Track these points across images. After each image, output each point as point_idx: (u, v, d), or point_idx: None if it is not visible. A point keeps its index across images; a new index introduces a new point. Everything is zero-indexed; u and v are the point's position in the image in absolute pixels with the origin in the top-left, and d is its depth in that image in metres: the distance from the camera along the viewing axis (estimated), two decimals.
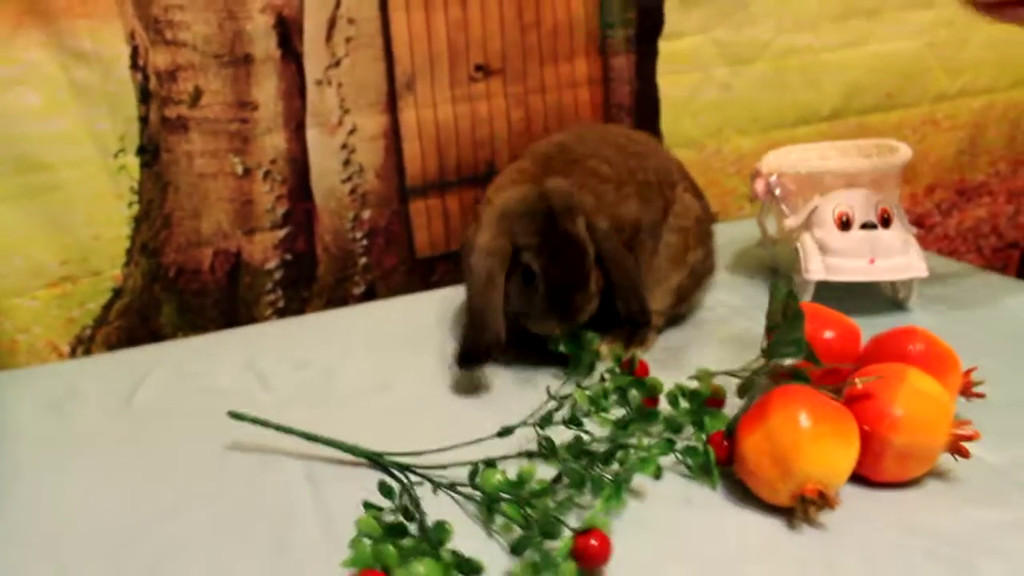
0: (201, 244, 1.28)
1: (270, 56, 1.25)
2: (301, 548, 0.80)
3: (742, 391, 0.89)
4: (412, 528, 0.77)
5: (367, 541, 0.72)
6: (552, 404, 0.94)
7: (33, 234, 1.18)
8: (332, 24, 1.26)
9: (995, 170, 1.86)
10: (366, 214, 1.36)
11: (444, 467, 0.87)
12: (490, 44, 1.36)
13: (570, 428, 0.90)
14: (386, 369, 1.14)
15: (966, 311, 1.22)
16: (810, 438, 0.79)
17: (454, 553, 0.71)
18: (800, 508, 0.79)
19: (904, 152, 1.28)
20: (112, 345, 1.26)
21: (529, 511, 0.77)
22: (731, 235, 1.51)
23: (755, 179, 1.30)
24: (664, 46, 1.49)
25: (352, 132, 1.32)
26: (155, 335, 1.29)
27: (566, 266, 1.03)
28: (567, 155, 1.14)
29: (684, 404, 0.93)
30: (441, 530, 0.74)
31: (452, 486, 0.85)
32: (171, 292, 1.28)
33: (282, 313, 1.36)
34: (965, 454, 0.83)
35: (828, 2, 1.57)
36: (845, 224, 1.19)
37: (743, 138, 1.59)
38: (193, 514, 0.87)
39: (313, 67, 1.27)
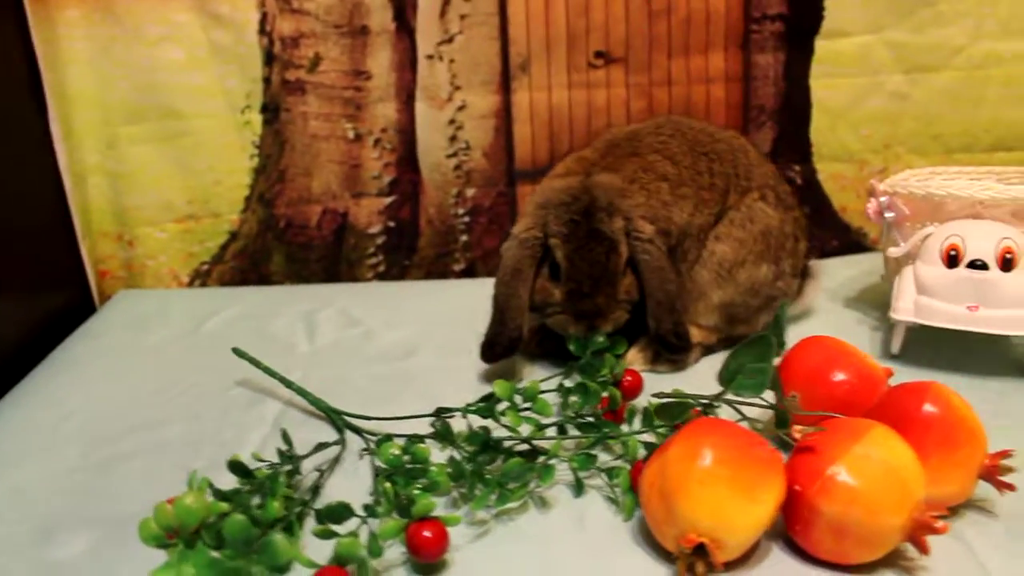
0: (311, 201, 1.37)
1: (385, 29, 1.30)
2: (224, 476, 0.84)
3: (668, 415, 0.79)
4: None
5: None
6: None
7: (166, 173, 1.33)
8: (447, 0, 1.29)
9: None
10: (470, 192, 1.37)
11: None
12: (613, 30, 1.31)
13: (494, 421, 0.85)
14: (423, 340, 1.16)
15: None
16: (700, 479, 0.68)
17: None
18: (681, 559, 0.68)
19: None
20: (225, 282, 1.39)
21: (399, 488, 0.75)
22: (873, 266, 1.33)
23: (869, 198, 1.13)
24: (822, 45, 1.33)
25: (461, 109, 1.33)
26: (265, 279, 1.40)
27: (591, 263, 0.97)
28: (633, 145, 1.08)
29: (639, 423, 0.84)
30: (275, 483, 0.74)
31: None
32: (281, 242, 1.38)
33: (382, 277, 1.41)
34: (924, 549, 0.68)
35: None
36: (953, 260, 1.01)
37: (918, 158, 1.38)
38: (167, 429, 0.96)
39: (425, 42, 1.30)
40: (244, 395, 1.03)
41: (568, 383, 0.93)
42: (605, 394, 0.89)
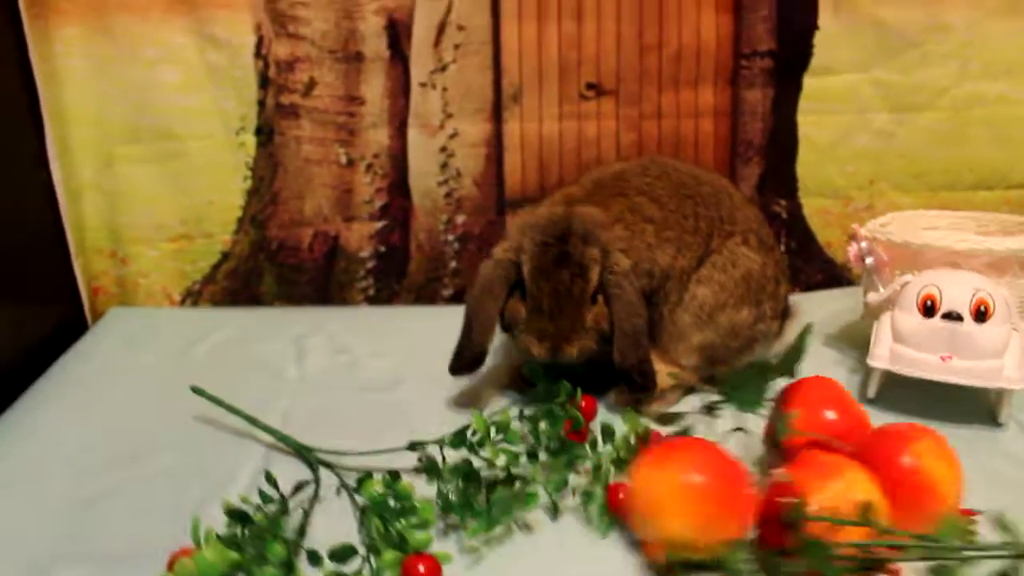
0: (303, 224, 1.38)
1: (379, 56, 1.31)
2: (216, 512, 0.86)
3: (664, 422, 0.86)
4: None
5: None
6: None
7: (160, 194, 1.35)
8: (441, 29, 1.30)
9: None
10: (460, 219, 1.39)
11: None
12: (604, 62, 1.33)
13: (471, 452, 0.88)
14: (409, 370, 1.18)
15: None
16: (688, 497, 0.74)
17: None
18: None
19: None
20: (217, 302, 1.41)
21: (387, 525, 0.78)
22: (856, 302, 1.35)
23: (851, 242, 1.16)
24: (810, 82, 1.35)
25: (453, 137, 1.35)
26: (256, 300, 1.41)
27: (556, 283, 0.98)
28: (619, 186, 1.10)
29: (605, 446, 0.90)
30: (278, 526, 0.77)
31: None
32: (272, 263, 1.40)
33: (372, 301, 1.43)
34: None
35: None
36: (929, 310, 1.03)
37: (902, 195, 1.41)
38: (156, 460, 0.98)
39: (418, 70, 1.32)
40: (235, 424, 1.03)
41: (528, 411, 0.96)
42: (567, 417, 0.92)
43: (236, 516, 0.78)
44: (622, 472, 0.87)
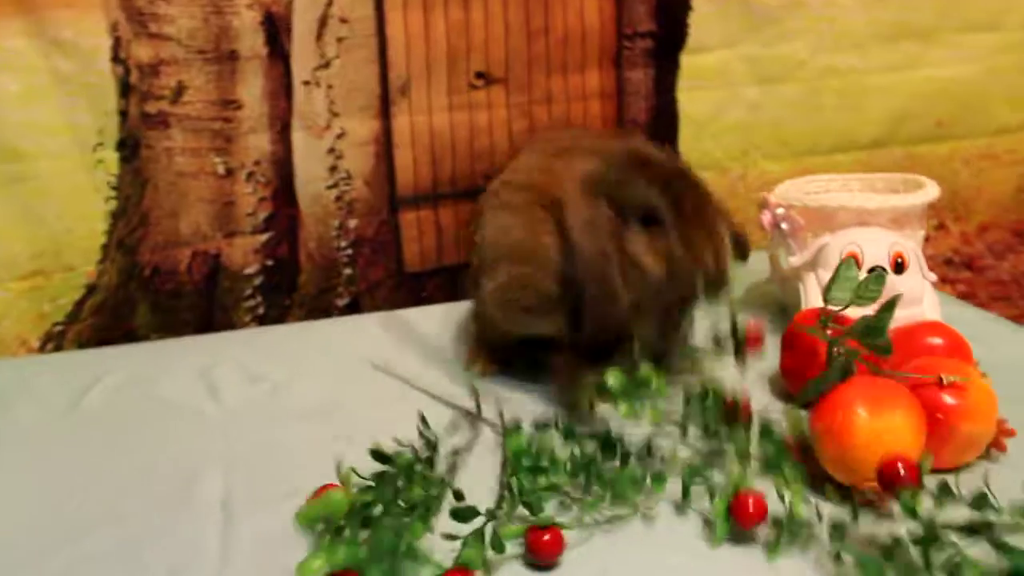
0: (179, 244, 1.25)
1: (256, 54, 1.21)
2: None
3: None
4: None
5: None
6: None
7: (4, 225, 1.17)
8: (323, 23, 1.22)
9: None
10: (352, 223, 1.31)
11: None
12: (493, 50, 1.29)
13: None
14: (340, 389, 1.08)
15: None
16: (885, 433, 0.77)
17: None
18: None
19: (930, 190, 1.16)
20: (84, 343, 1.24)
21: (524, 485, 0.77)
22: (749, 266, 1.41)
23: (763, 210, 1.20)
24: (687, 60, 1.39)
25: (341, 136, 1.27)
26: (129, 335, 1.26)
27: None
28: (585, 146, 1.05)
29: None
30: (413, 470, 0.78)
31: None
32: (147, 292, 1.25)
33: (262, 320, 1.31)
34: (1002, 448, 0.83)
35: (877, 22, 1.45)
36: None
37: (772, 163, 1.48)
38: (99, 535, 0.81)
39: (301, 67, 1.23)
40: (171, 477, 0.89)
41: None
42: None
43: (379, 458, 0.80)
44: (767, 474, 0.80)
